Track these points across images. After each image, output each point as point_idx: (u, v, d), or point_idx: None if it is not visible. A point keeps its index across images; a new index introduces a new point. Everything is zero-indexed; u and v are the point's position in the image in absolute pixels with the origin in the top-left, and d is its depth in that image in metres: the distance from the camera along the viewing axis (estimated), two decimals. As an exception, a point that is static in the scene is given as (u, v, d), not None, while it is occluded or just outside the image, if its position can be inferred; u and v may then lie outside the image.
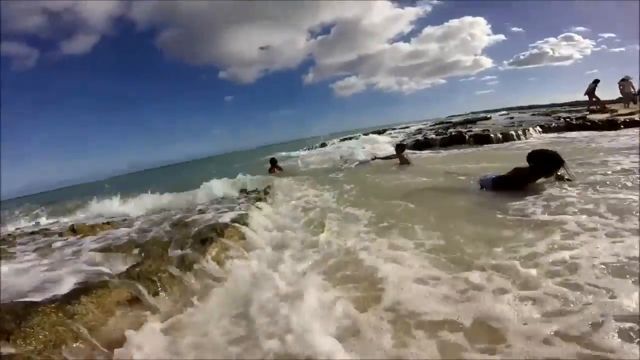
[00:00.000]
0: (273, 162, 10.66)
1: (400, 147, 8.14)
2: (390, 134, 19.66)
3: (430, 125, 21.09)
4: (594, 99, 11.85)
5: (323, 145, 20.61)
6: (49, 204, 10.74)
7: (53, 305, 1.89)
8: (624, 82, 11.58)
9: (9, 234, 4.49)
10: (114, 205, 6.59)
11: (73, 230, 3.75)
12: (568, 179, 3.87)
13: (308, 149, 20.35)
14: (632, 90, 11.48)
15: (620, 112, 11.04)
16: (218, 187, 6.37)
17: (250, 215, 3.63)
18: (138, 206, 6.19)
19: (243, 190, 6.09)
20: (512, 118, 17.55)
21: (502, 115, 23.66)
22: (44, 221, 6.90)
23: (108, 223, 4.19)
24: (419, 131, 17.66)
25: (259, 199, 4.60)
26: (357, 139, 18.57)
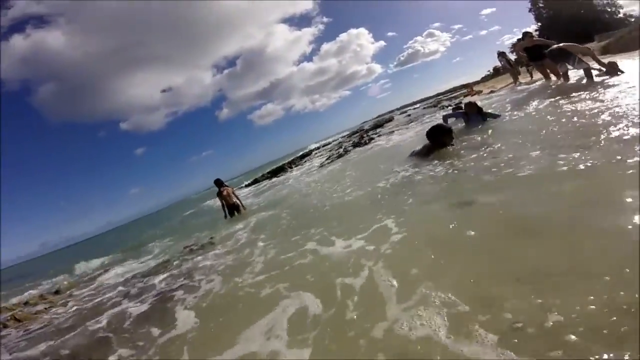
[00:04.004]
0: (219, 183, 7.45)
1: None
2: (315, 155, 20.66)
3: (347, 136, 23.05)
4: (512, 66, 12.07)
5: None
6: None
7: None
8: (506, 56, 12.42)
9: None
10: None
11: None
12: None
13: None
14: (511, 61, 12.26)
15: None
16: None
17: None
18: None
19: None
20: (409, 115, 20.35)
21: (402, 113, 27.17)
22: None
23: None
24: (340, 145, 19.07)
25: None
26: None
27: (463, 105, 7.58)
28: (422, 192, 3.38)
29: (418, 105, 32.40)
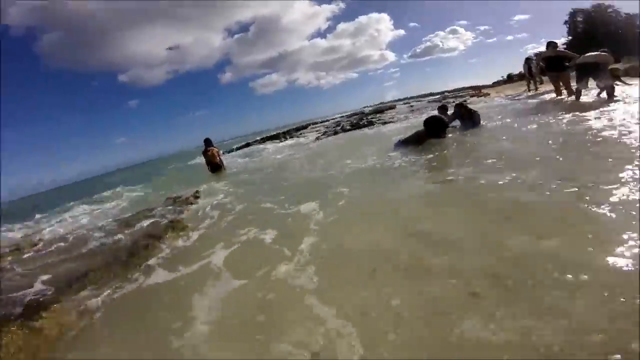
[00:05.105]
0: (208, 143, 7.83)
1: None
2: (313, 128, 20.50)
3: (347, 117, 22.91)
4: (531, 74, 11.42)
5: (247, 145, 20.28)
6: None
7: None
8: (530, 63, 11.57)
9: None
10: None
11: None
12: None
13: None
14: (532, 69, 11.46)
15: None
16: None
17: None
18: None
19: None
20: (412, 106, 20.22)
21: (405, 104, 26.98)
22: None
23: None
24: (338, 123, 18.92)
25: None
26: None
27: (448, 106, 7.49)
28: (405, 173, 3.57)
29: (423, 99, 32.08)
